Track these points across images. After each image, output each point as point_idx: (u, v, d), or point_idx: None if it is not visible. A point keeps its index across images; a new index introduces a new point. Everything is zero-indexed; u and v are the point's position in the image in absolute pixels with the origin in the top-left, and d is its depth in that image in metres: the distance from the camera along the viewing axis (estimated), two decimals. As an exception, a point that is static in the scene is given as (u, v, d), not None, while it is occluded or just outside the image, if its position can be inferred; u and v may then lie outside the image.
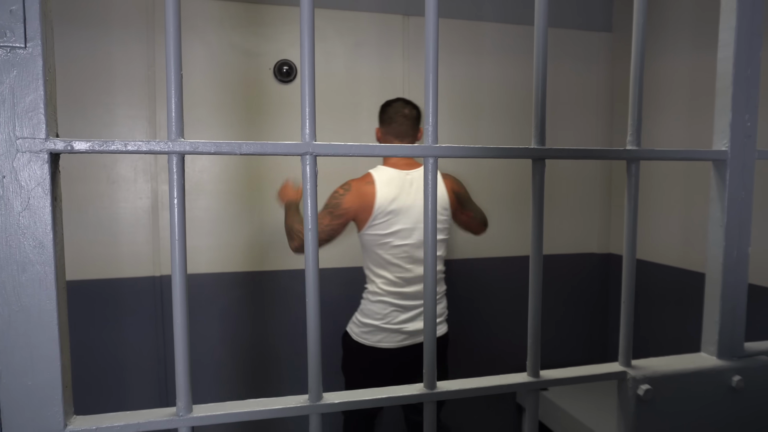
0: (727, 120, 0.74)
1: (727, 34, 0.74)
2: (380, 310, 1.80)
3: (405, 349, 1.82)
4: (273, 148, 0.59)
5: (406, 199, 1.76)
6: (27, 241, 0.54)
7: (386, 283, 1.79)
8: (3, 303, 0.54)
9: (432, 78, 0.63)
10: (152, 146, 0.56)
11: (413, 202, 1.76)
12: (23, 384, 0.55)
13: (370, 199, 1.72)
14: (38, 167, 0.53)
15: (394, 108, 1.83)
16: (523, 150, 0.67)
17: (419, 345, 1.81)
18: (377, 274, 1.80)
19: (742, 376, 0.75)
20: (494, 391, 0.69)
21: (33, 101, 0.53)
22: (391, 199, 1.74)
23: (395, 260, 1.77)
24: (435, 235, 0.65)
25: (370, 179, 1.76)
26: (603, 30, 2.65)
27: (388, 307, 1.79)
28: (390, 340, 1.80)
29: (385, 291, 1.79)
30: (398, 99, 1.88)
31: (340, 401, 0.64)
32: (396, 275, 1.78)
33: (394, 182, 1.77)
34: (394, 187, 1.76)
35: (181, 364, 0.60)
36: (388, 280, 1.79)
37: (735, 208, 0.75)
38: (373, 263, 1.80)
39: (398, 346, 1.81)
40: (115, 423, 0.58)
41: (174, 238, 0.58)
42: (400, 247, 1.76)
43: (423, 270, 1.75)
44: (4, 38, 0.51)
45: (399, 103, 1.84)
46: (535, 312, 0.70)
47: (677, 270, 2.29)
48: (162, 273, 2.17)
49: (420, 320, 1.81)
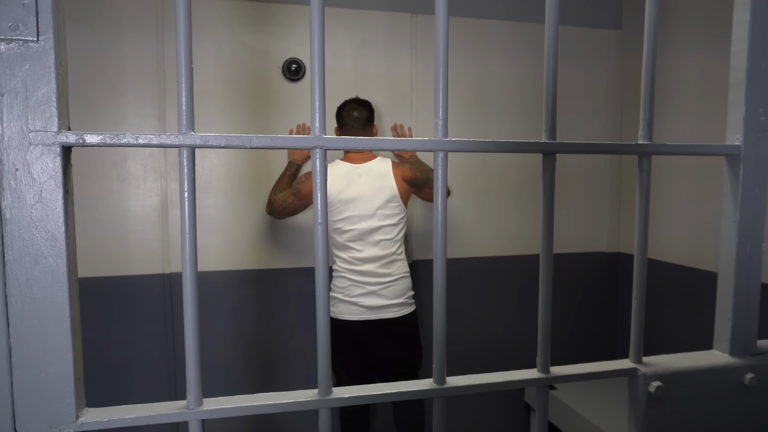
0: (740, 114, 0.73)
1: (740, 27, 0.73)
2: (340, 284, 2.05)
3: (367, 323, 2.03)
4: (283, 142, 0.59)
5: (354, 189, 2.01)
6: (39, 233, 0.54)
7: (343, 262, 2.05)
8: (16, 295, 0.54)
9: (442, 74, 0.63)
10: (163, 140, 0.56)
11: (361, 191, 2.01)
12: (36, 376, 0.55)
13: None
14: (50, 160, 0.54)
15: (346, 111, 2.07)
16: (533, 144, 0.66)
17: (384, 320, 2.04)
18: (336, 254, 2.08)
19: (755, 374, 0.74)
20: (504, 386, 0.69)
21: (45, 94, 0.53)
22: (339, 190, 2.00)
23: (347, 243, 2.03)
24: (445, 229, 0.65)
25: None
26: (613, 27, 2.63)
27: (346, 281, 2.04)
28: (349, 312, 2.03)
29: (343, 268, 2.05)
30: (351, 100, 2.10)
31: (349, 396, 0.64)
32: (349, 255, 2.03)
33: (345, 175, 2.03)
34: (344, 179, 2.02)
35: (192, 358, 0.60)
36: (343, 259, 2.05)
37: (748, 203, 0.74)
38: (332, 245, 2.08)
39: (356, 319, 2.03)
40: (127, 415, 0.58)
41: (185, 232, 0.58)
42: (349, 232, 2.02)
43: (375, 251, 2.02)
44: (17, 31, 0.52)
45: (351, 104, 2.08)
46: (546, 308, 0.70)
47: (687, 269, 2.27)
48: (171, 270, 2.18)
49: (374, 297, 2.03)
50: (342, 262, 2.05)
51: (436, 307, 0.67)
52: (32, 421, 0.56)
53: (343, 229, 2.02)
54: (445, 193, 0.64)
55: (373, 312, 2.03)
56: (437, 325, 0.67)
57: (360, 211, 2.01)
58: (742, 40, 0.73)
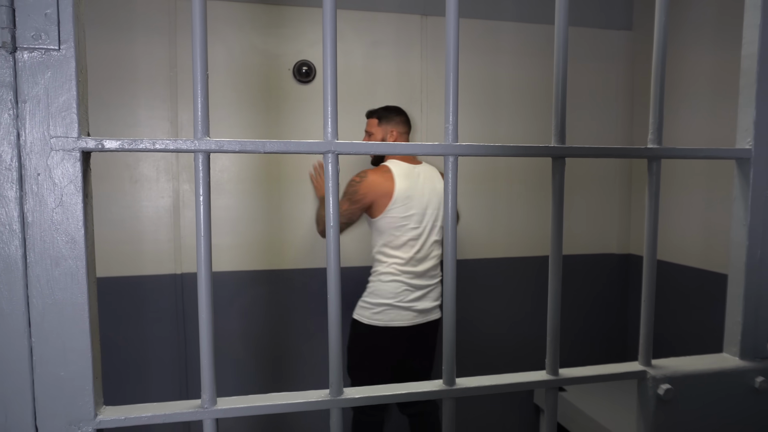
0: (751, 117, 0.73)
1: (751, 31, 0.73)
2: (393, 289, 1.96)
3: (415, 327, 1.99)
4: (296, 147, 0.60)
5: (416, 188, 1.99)
6: (60, 236, 0.56)
7: (400, 263, 1.97)
8: (37, 296, 0.56)
9: (452, 78, 0.63)
10: (179, 144, 0.58)
11: (422, 191, 2.00)
12: (56, 374, 0.57)
13: (390, 185, 1.95)
14: (71, 165, 0.55)
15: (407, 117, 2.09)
16: (543, 149, 0.67)
17: (428, 323, 2.02)
18: (391, 255, 1.98)
19: (765, 378, 0.74)
20: (513, 388, 0.70)
21: (66, 101, 0.54)
22: (407, 187, 1.96)
23: (410, 241, 1.97)
24: (455, 230, 0.66)
25: (387, 169, 1.98)
26: (623, 28, 2.62)
27: (401, 286, 1.96)
28: (402, 318, 1.96)
29: (399, 270, 1.97)
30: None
31: (360, 396, 0.65)
32: (409, 254, 1.97)
33: (407, 174, 1.99)
34: (408, 177, 1.98)
35: (206, 358, 0.61)
36: (402, 259, 1.97)
37: (759, 207, 0.74)
38: (389, 245, 1.97)
39: (409, 324, 1.98)
40: (144, 413, 0.60)
41: (200, 234, 0.60)
42: (415, 229, 1.97)
43: (433, 251, 2.01)
44: (39, 41, 0.53)
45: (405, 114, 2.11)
46: (555, 310, 0.71)
47: (698, 271, 2.26)
48: (183, 271, 2.20)
49: (425, 300, 2.01)
50: (398, 263, 1.97)
51: (446, 309, 0.68)
52: (52, 419, 0.57)
53: (410, 226, 1.97)
54: (455, 197, 0.65)
55: (423, 315, 2.00)
56: (447, 327, 0.68)
57: (422, 210, 1.99)
58: (752, 44, 0.73)
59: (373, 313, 1.96)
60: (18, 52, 0.53)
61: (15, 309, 0.55)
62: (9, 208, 0.54)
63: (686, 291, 2.32)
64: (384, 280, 1.97)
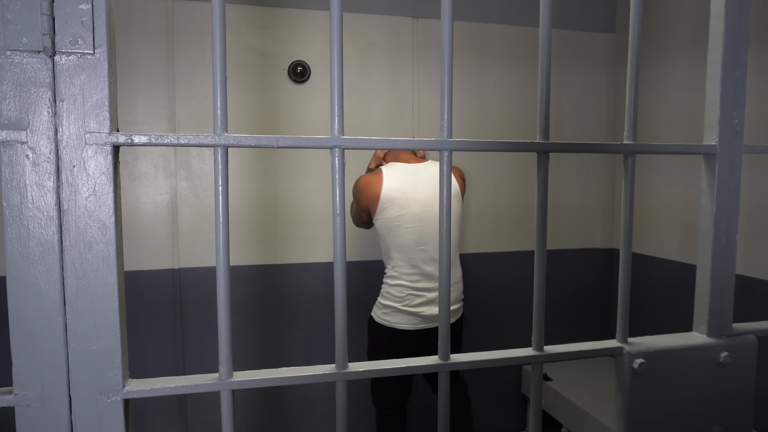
0: (716, 117, 0.81)
1: (715, 38, 0.81)
2: (398, 293, 1.94)
3: (421, 332, 1.95)
4: (306, 142, 0.66)
5: (411, 187, 1.93)
6: (93, 223, 0.62)
7: (403, 265, 1.93)
8: (72, 277, 0.61)
9: (447, 79, 0.70)
10: (201, 140, 0.64)
11: (422, 189, 1.92)
12: (88, 348, 0.63)
13: (377, 187, 1.93)
14: (103, 158, 0.61)
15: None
16: (529, 144, 0.74)
17: (435, 329, 1.90)
18: (393, 257, 1.95)
19: (729, 353, 0.82)
20: (502, 363, 0.76)
21: (99, 100, 0.60)
22: (396, 187, 1.92)
23: (406, 242, 1.92)
24: (450, 222, 0.72)
25: (378, 172, 1.98)
26: (606, 31, 2.71)
27: (405, 290, 1.93)
28: (407, 323, 1.94)
29: (402, 273, 1.94)
30: None
31: (364, 369, 0.72)
32: (410, 255, 1.92)
33: (401, 173, 1.95)
34: (399, 177, 1.94)
35: (224, 334, 0.67)
36: (404, 261, 1.93)
37: (724, 198, 0.82)
38: (389, 247, 1.96)
39: (415, 329, 1.95)
40: (167, 385, 0.66)
41: (218, 221, 0.66)
42: (410, 229, 1.91)
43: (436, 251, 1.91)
44: (76, 45, 0.59)
45: None
46: (540, 291, 0.77)
47: (678, 264, 2.35)
48: (180, 266, 2.25)
49: (435, 305, 1.92)
50: (401, 266, 1.93)
51: (441, 293, 0.74)
52: (84, 388, 0.63)
53: (404, 227, 1.91)
54: (450, 189, 0.71)
55: (429, 321, 1.95)
56: (442, 307, 0.74)
57: (420, 208, 1.91)
58: (717, 50, 0.80)
59: (383, 313, 1.98)
60: (57, 55, 0.58)
61: (51, 289, 0.61)
62: (47, 197, 0.60)
63: (668, 284, 2.42)
64: (390, 284, 1.96)
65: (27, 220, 0.60)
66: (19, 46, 0.57)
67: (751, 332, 0.85)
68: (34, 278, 0.60)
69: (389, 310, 1.96)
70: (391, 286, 1.96)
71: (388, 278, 1.97)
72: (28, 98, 0.58)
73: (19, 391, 0.60)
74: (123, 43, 2.13)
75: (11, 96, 0.58)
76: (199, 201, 2.27)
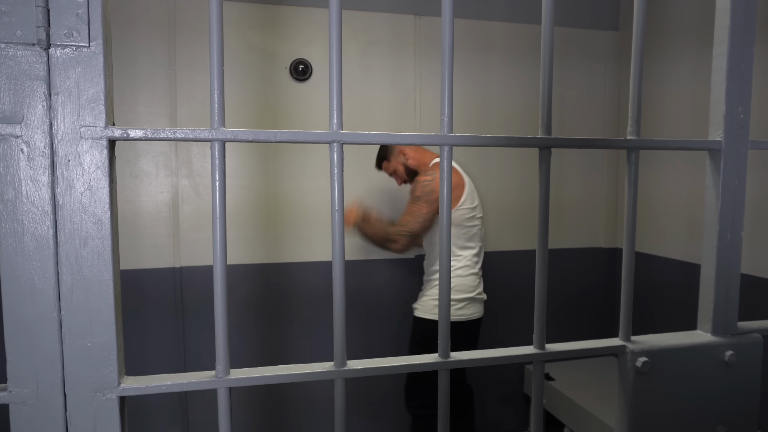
0: (721, 112, 0.80)
1: (721, 32, 0.79)
2: (472, 282, 1.99)
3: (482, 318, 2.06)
4: (304, 137, 0.66)
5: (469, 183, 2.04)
6: (88, 218, 0.61)
7: (475, 254, 2.02)
8: (67, 273, 0.61)
9: (447, 74, 0.69)
10: (198, 134, 0.63)
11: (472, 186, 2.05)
12: (83, 345, 0.62)
13: (459, 178, 1.99)
14: (98, 152, 0.60)
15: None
16: (530, 139, 0.73)
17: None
18: (466, 247, 2.00)
19: (734, 351, 0.81)
20: (504, 361, 0.75)
21: (95, 94, 0.59)
22: (468, 180, 2.02)
23: (478, 232, 2.03)
24: (449, 220, 0.71)
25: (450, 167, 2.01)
26: (610, 29, 2.70)
27: (477, 278, 2.01)
28: (478, 310, 2.02)
29: (474, 262, 2.01)
30: None
31: (362, 367, 0.71)
32: (478, 244, 2.03)
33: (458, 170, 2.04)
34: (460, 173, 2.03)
35: (221, 331, 0.67)
36: (475, 250, 2.02)
37: (729, 194, 0.81)
38: (462, 238, 1.98)
39: (480, 316, 2.04)
40: (163, 383, 0.65)
41: (215, 216, 0.65)
42: (480, 219, 2.04)
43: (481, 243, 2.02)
44: (71, 38, 0.58)
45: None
46: (542, 288, 0.76)
47: (683, 263, 2.33)
48: (182, 264, 2.25)
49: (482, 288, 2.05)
50: (473, 255, 2.01)
51: (441, 290, 0.73)
52: (79, 385, 0.62)
53: (477, 216, 2.02)
54: (450, 185, 0.70)
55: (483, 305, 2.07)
56: (442, 305, 0.73)
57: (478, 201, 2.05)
58: (722, 44, 0.79)
59: (456, 309, 1.94)
60: (51, 48, 0.58)
61: (46, 285, 0.60)
62: (42, 192, 0.59)
63: (673, 283, 2.40)
64: (464, 275, 1.97)
65: (21, 215, 0.59)
66: (14, 38, 0.57)
67: (757, 331, 0.83)
68: (28, 274, 0.60)
69: (464, 303, 1.96)
70: (464, 277, 1.96)
71: (460, 269, 1.96)
72: (22, 92, 0.58)
73: (13, 388, 0.60)
74: (124, 40, 2.13)
75: (5, 89, 0.57)
76: (201, 199, 2.27)
